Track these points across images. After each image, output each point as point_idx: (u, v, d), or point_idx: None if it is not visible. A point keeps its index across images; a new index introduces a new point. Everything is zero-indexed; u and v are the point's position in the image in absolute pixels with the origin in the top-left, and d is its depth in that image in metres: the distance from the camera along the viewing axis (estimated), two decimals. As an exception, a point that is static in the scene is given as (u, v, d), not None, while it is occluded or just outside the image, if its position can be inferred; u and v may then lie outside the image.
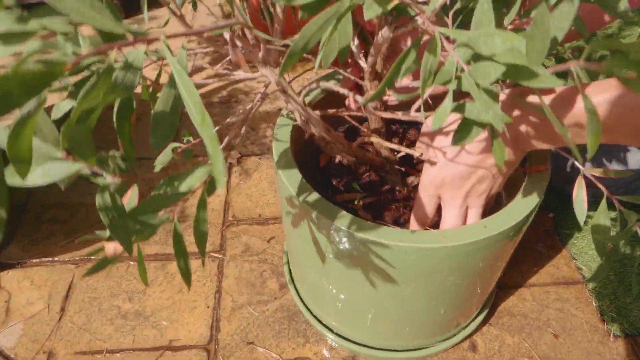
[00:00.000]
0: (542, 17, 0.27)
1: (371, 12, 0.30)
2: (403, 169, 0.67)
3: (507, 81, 0.51)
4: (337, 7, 0.30)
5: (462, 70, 0.32)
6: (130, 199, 0.30)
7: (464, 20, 0.46)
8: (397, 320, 0.70)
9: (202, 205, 0.33)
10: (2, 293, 0.87)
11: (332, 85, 0.58)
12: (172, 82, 0.31)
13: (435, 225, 0.61)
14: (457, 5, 0.40)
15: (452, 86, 0.32)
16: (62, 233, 0.97)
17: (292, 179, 0.58)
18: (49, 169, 0.31)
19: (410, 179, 0.68)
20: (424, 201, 0.58)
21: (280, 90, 0.50)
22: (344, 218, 0.54)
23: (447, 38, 0.35)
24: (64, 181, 0.32)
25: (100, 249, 0.38)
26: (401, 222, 0.65)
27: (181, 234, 0.34)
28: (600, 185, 0.43)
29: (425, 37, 0.38)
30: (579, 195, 0.43)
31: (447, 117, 0.33)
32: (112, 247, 0.36)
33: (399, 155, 0.65)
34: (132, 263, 0.91)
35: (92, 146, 0.31)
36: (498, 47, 0.28)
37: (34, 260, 0.92)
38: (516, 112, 0.49)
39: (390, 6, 0.31)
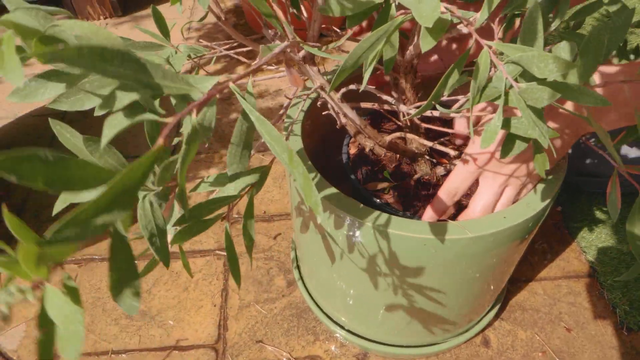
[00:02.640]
0: (598, 33, 0.26)
1: (427, 44, 0.29)
2: (433, 159, 0.67)
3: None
4: (387, 26, 0.30)
5: (511, 86, 0.31)
6: (172, 208, 0.29)
7: (508, 26, 0.45)
8: (409, 316, 0.68)
9: (249, 210, 0.33)
10: (3, 294, 0.85)
11: (373, 89, 0.57)
12: (244, 115, 0.31)
13: (453, 216, 0.60)
14: (504, 13, 0.39)
15: (501, 103, 0.32)
16: (63, 233, 0.95)
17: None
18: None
19: (439, 169, 0.67)
20: (458, 178, 0.56)
21: (321, 88, 0.49)
22: (364, 212, 0.53)
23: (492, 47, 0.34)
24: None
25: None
26: None
27: (231, 238, 0.33)
28: (635, 183, 0.42)
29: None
30: (613, 193, 0.42)
31: (497, 135, 0.32)
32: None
33: (429, 146, 0.64)
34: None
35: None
36: (552, 72, 0.27)
37: None
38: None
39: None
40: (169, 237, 0.39)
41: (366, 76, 0.36)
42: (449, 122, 0.75)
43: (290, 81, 0.41)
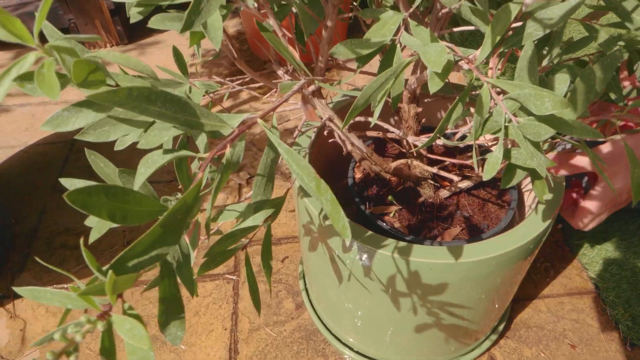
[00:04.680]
0: (588, 74, 0.29)
1: (435, 85, 0.32)
2: (436, 183, 0.69)
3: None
4: (395, 68, 0.32)
5: (510, 120, 0.34)
6: (193, 237, 0.31)
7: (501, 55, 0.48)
8: (417, 336, 0.70)
9: (267, 241, 0.35)
10: (17, 321, 0.86)
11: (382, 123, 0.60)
12: (271, 146, 0.34)
13: (473, 231, 0.62)
14: (502, 49, 0.42)
15: (501, 135, 0.34)
16: (74, 259, 0.97)
17: (316, 203, 0.59)
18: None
19: (443, 192, 0.69)
20: (619, 174, 0.56)
21: (329, 120, 0.52)
22: (371, 238, 0.55)
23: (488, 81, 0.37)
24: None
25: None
26: (435, 234, 0.66)
27: (252, 267, 0.35)
28: None
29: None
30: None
31: (498, 167, 0.34)
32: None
33: (433, 172, 0.67)
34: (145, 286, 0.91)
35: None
36: (548, 110, 0.30)
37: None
38: None
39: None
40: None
41: (376, 113, 0.39)
42: (451, 150, 0.78)
43: (306, 116, 0.43)
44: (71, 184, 0.40)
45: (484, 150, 0.73)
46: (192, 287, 0.37)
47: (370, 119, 0.62)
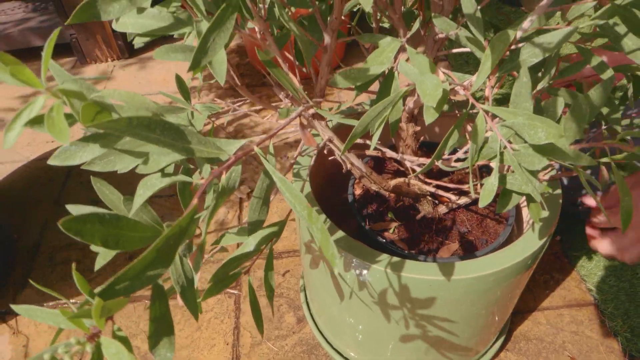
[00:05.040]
0: (580, 104, 0.30)
1: (430, 117, 0.33)
2: (435, 199, 0.70)
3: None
4: (393, 97, 0.33)
5: (505, 147, 0.35)
6: (196, 260, 0.32)
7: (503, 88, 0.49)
8: (417, 350, 0.71)
9: (269, 262, 0.36)
10: (20, 337, 0.87)
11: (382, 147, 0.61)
12: (266, 173, 0.35)
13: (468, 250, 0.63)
14: (497, 74, 0.43)
15: (496, 162, 0.35)
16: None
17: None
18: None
19: (441, 208, 0.70)
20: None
21: (329, 141, 0.53)
22: (373, 256, 0.56)
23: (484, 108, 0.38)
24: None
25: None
26: (434, 250, 0.67)
27: (255, 292, 0.36)
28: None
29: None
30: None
31: (494, 193, 0.35)
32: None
33: (431, 189, 0.68)
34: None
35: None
36: (541, 140, 0.31)
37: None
38: None
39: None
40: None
41: (374, 139, 0.40)
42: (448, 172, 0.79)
43: (305, 141, 0.44)
44: (77, 210, 0.41)
45: (482, 165, 0.74)
46: (196, 311, 0.38)
47: (369, 142, 0.63)
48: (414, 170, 0.55)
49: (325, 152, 0.68)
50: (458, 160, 0.53)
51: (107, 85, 1.59)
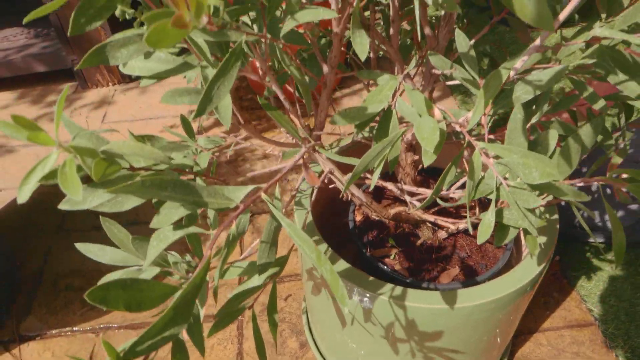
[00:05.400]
0: (569, 147, 0.32)
1: (428, 160, 0.34)
2: (435, 226, 0.72)
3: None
4: (392, 137, 0.35)
5: (501, 183, 0.36)
6: (201, 296, 0.33)
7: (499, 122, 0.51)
8: (421, 376, 0.71)
9: (273, 296, 0.37)
10: (23, 367, 0.87)
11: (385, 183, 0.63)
12: (273, 217, 0.36)
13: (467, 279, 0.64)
14: (492, 110, 0.44)
15: (493, 197, 0.36)
16: (80, 301, 0.98)
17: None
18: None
19: (441, 233, 0.71)
20: None
21: (330, 173, 0.55)
22: (375, 285, 0.57)
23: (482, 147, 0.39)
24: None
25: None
26: (435, 276, 0.68)
27: (259, 328, 0.37)
28: None
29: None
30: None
31: (491, 230, 0.36)
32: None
33: (431, 220, 0.69)
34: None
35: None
36: (535, 179, 0.32)
37: (53, 331, 0.93)
38: None
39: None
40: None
41: (375, 177, 0.41)
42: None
43: (307, 180, 0.46)
44: (86, 249, 0.42)
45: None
46: (202, 346, 0.39)
47: (369, 177, 0.65)
48: (413, 205, 0.57)
49: (326, 181, 0.70)
50: (458, 189, 0.54)
51: (108, 109, 1.61)
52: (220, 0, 0.29)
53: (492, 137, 0.51)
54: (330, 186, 0.69)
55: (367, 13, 0.60)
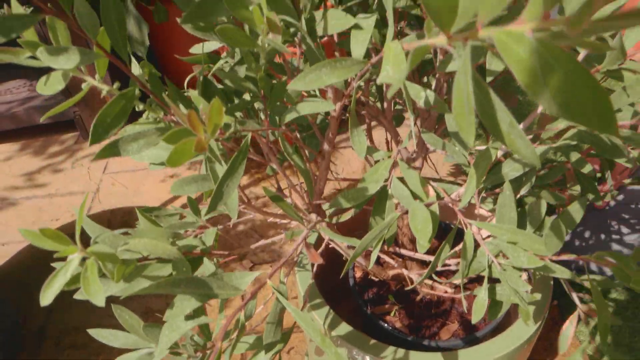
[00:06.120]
0: (558, 225, 0.34)
1: (422, 249, 0.37)
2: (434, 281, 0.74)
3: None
4: (389, 221, 0.37)
5: (492, 261, 0.38)
6: None
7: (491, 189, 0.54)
8: None
9: None
10: None
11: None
12: (277, 301, 0.38)
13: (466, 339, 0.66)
14: (482, 186, 0.47)
15: (486, 273, 0.39)
16: (84, 359, 0.99)
17: (321, 314, 0.63)
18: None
19: (440, 289, 0.73)
20: None
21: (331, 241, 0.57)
22: (374, 347, 0.58)
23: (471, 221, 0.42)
24: None
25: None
26: (435, 331, 0.69)
27: None
28: None
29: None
30: (567, 330, 0.49)
31: (485, 308, 0.39)
32: None
33: (429, 284, 0.71)
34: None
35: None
36: (523, 264, 0.35)
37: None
38: None
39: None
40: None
41: (373, 257, 0.43)
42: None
43: (310, 258, 0.48)
44: (98, 334, 0.43)
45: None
46: None
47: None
48: (412, 281, 0.59)
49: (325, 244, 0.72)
50: (454, 258, 0.56)
51: (109, 160, 1.64)
52: (231, 118, 0.32)
53: (483, 211, 0.53)
54: (330, 246, 0.71)
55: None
